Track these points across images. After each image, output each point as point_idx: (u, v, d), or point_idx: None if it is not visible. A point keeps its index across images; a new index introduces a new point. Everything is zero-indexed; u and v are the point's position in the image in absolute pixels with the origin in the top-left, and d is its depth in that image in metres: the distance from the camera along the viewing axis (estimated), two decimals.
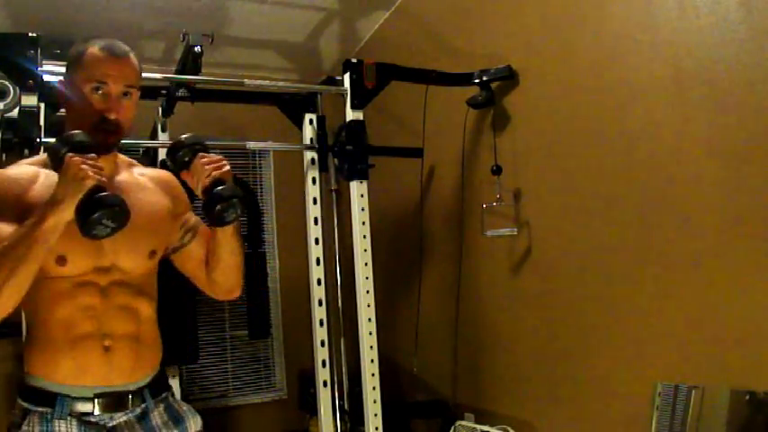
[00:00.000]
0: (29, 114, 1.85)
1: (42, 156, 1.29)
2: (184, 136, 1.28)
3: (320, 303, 2.44)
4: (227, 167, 1.26)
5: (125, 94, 1.23)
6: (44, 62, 1.92)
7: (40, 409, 1.20)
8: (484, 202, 2.46)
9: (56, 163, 1.12)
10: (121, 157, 1.37)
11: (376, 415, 2.20)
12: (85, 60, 1.22)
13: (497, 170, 2.39)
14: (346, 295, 2.62)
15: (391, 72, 2.36)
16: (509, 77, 2.40)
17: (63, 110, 1.32)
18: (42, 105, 1.91)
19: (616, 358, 1.97)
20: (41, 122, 1.90)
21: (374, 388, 2.21)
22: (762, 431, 1.53)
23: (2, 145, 1.82)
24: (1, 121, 1.87)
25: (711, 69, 1.67)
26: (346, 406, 2.72)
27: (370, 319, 2.24)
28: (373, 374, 2.21)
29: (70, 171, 1.08)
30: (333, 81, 2.49)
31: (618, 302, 1.97)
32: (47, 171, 1.21)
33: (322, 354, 2.42)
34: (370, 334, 2.23)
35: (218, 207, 1.21)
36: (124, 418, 1.25)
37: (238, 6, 3.15)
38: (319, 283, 2.45)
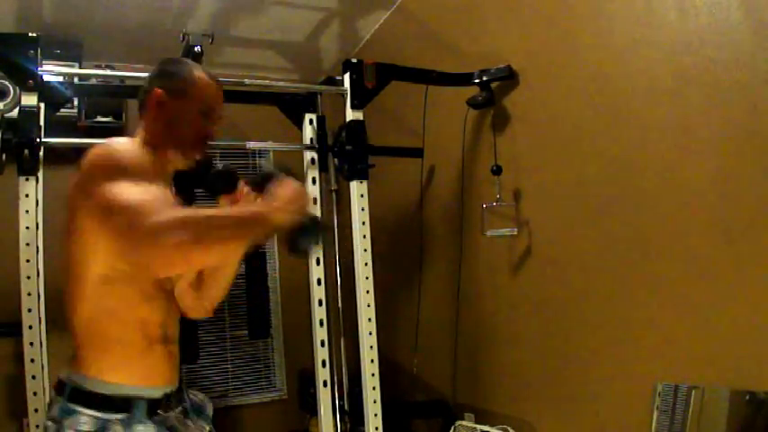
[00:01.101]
0: (29, 114, 1.85)
1: (120, 140, 1.32)
2: (222, 166, 1.42)
3: (320, 303, 2.44)
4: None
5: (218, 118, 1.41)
6: (44, 62, 1.91)
7: (118, 416, 1.19)
8: (484, 202, 2.46)
9: (267, 182, 1.28)
10: None
11: (376, 415, 2.20)
12: (198, 84, 1.35)
13: (497, 170, 2.39)
14: (346, 295, 2.62)
15: (391, 72, 2.36)
16: (509, 77, 2.40)
17: (153, 118, 1.36)
18: (42, 105, 1.91)
19: (616, 358, 1.97)
20: (41, 122, 1.90)
21: (374, 388, 2.21)
22: (762, 431, 1.53)
23: (2, 145, 1.82)
24: (1, 121, 1.87)
25: (711, 69, 1.67)
26: (346, 406, 2.72)
27: (370, 319, 2.24)
28: (373, 374, 2.21)
29: (296, 193, 1.23)
30: (333, 81, 2.49)
31: (618, 302, 1.97)
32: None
33: (322, 354, 2.42)
34: (370, 334, 2.23)
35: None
36: (174, 413, 1.32)
37: (238, 6, 3.15)
38: (319, 283, 2.45)
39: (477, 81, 2.46)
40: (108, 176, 1.14)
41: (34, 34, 1.88)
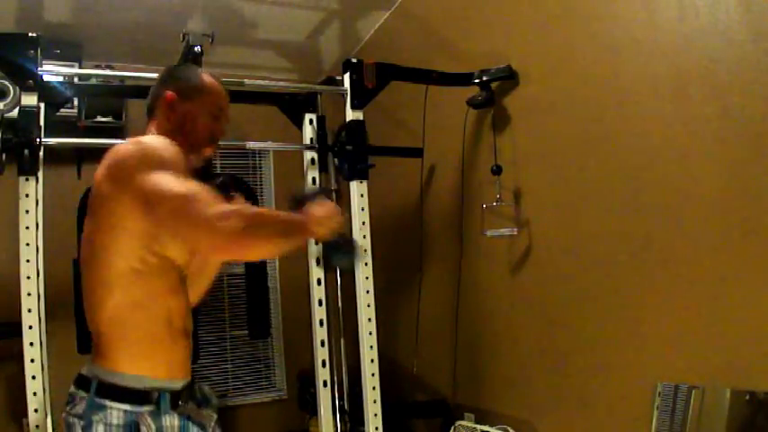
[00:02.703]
0: (29, 114, 1.85)
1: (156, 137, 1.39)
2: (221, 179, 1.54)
3: (320, 303, 2.44)
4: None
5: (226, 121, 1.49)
6: (44, 62, 1.91)
7: (147, 408, 1.22)
8: (484, 202, 2.46)
9: (309, 200, 1.36)
10: None
11: (376, 415, 2.20)
12: (209, 89, 1.45)
13: (497, 170, 2.39)
14: (346, 295, 2.62)
15: (391, 72, 2.36)
16: (509, 77, 2.40)
17: (164, 119, 1.43)
18: (42, 105, 1.91)
19: (616, 358, 1.97)
20: (41, 122, 1.90)
21: (374, 388, 2.21)
22: (762, 431, 1.53)
23: (2, 145, 1.82)
24: (1, 121, 1.87)
25: (711, 69, 1.67)
26: (346, 406, 2.72)
27: (370, 319, 2.24)
28: (373, 374, 2.21)
29: (332, 211, 1.33)
30: (333, 81, 2.49)
31: (618, 302, 1.97)
32: None
33: (322, 354, 2.42)
34: (370, 334, 2.23)
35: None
36: (190, 404, 1.35)
37: (238, 6, 3.15)
38: (319, 283, 2.45)
39: (477, 81, 2.46)
40: (150, 167, 1.19)
41: (34, 34, 1.88)
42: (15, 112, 1.87)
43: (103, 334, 1.24)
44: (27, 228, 1.82)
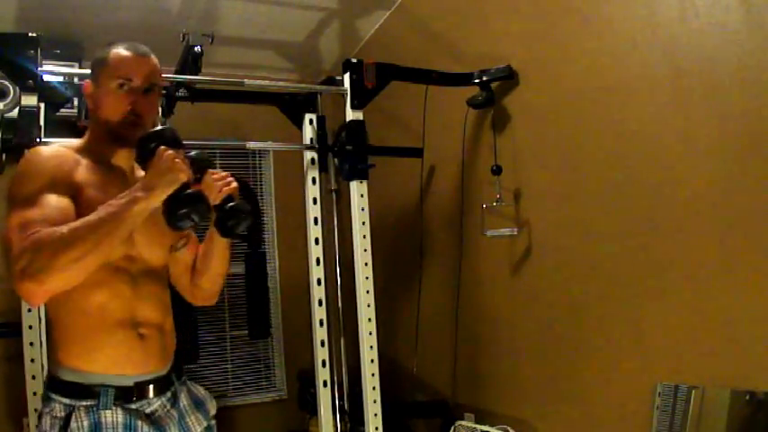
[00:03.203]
0: (29, 114, 1.85)
1: (71, 141, 1.35)
2: (193, 153, 1.34)
3: (320, 303, 2.44)
4: (236, 184, 1.35)
5: (147, 90, 1.31)
6: (44, 62, 1.91)
7: (84, 402, 1.20)
8: (484, 202, 2.46)
9: (145, 154, 1.20)
10: None
11: (376, 415, 2.20)
12: (111, 60, 1.30)
13: (497, 170, 2.39)
14: (346, 295, 2.62)
15: (391, 72, 2.36)
16: (509, 77, 2.40)
17: (88, 110, 1.36)
18: (42, 105, 1.90)
19: (616, 358, 1.97)
20: (41, 122, 1.90)
21: (374, 388, 2.21)
22: (762, 431, 1.53)
23: (2, 145, 1.82)
24: (1, 121, 1.87)
25: (711, 69, 1.67)
26: (346, 406, 2.72)
27: (370, 319, 2.24)
28: (373, 374, 2.21)
29: (165, 163, 1.16)
30: (333, 81, 2.49)
31: (618, 302, 1.97)
32: (83, 157, 1.28)
33: (322, 354, 2.42)
34: (370, 334, 2.23)
35: (232, 221, 1.32)
36: (158, 402, 1.29)
37: (238, 6, 3.15)
38: (319, 283, 2.45)
39: (477, 81, 2.46)
40: (9, 203, 1.16)
41: (34, 34, 1.87)
42: (15, 112, 1.87)
43: (50, 329, 1.27)
44: None
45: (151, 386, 1.29)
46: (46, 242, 1.05)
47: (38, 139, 1.86)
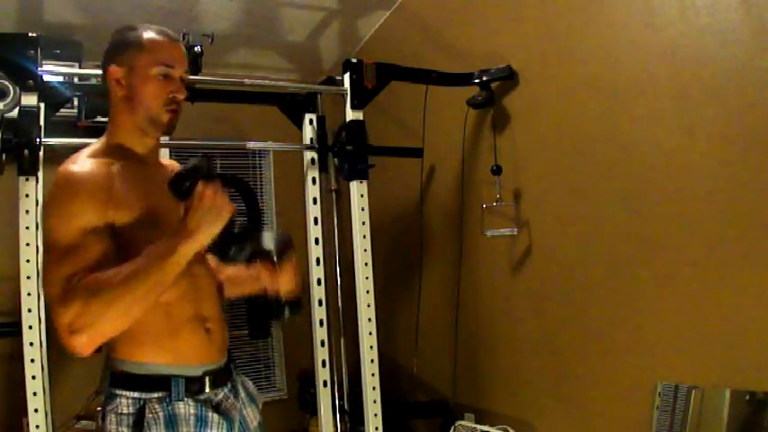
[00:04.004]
0: (29, 114, 1.85)
1: (94, 145, 1.26)
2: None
3: (320, 303, 2.44)
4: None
5: (181, 78, 1.28)
6: (44, 62, 1.91)
7: (156, 394, 1.17)
8: (484, 202, 2.46)
9: (182, 192, 1.10)
10: None
11: (376, 415, 2.20)
12: (147, 44, 1.24)
13: (497, 170, 2.39)
14: (346, 295, 2.62)
15: (391, 72, 2.36)
16: (509, 77, 2.40)
17: (114, 100, 1.27)
18: (42, 105, 1.91)
19: (616, 358, 1.97)
20: (41, 122, 1.90)
21: (374, 388, 2.21)
22: (762, 431, 1.53)
23: (2, 145, 1.82)
24: (1, 121, 1.87)
25: (711, 69, 1.67)
26: (346, 406, 2.72)
27: (370, 319, 2.23)
28: (373, 374, 2.21)
29: (207, 202, 1.09)
30: (333, 81, 2.49)
31: (618, 302, 1.97)
32: (114, 161, 1.20)
33: (322, 354, 2.42)
34: (370, 334, 2.23)
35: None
36: (222, 393, 1.28)
37: (238, 6, 3.15)
38: (319, 283, 2.45)
39: (477, 81, 2.46)
40: (53, 212, 1.12)
41: (34, 34, 1.87)
42: (15, 112, 1.87)
43: None
44: (27, 228, 1.82)
45: (216, 377, 1.27)
46: (93, 294, 1.03)
47: (38, 139, 1.86)
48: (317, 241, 2.46)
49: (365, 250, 2.26)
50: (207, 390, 1.25)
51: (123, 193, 1.16)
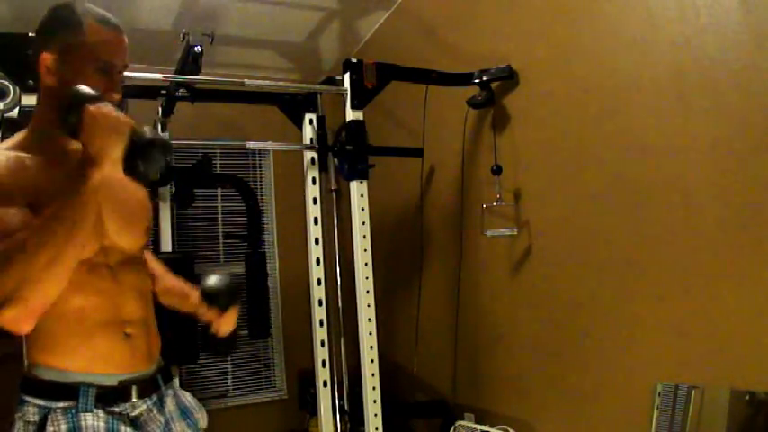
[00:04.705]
0: (29, 114, 1.84)
1: (12, 140, 1.15)
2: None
3: (320, 303, 2.44)
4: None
5: (119, 72, 1.17)
6: None
7: (61, 404, 1.08)
8: (484, 202, 2.46)
9: (74, 120, 1.00)
10: None
11: (376, 415, 2.20)
12: (87, 35, 1.11)
13: (497, 170, 2.39)
14: (346, 295, 2.62)
15: (391, 72, 2.36)
16: (509, 77, 2.40)
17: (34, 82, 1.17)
18: None
19: (616, 358, 1.97)
20: None
21: (374, 388, 2.21)
22: (762, 431, 1.53)
23: None
24: (1, 121, 1.87)
25: (711, 69, 1.67)
26: (346, 406, 2.72)
27: (370, 319, 2.24)
28: (373, 374, 2.21)
29: (103, 121, 0.99)
30: (333, 81, 2.49)
31: (618, 302, 1.97)
32: (25, 154, 1.10)
33: (322, 354, 2.42)
34: (370, 334, 2.23)
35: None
36: (144, 406, 1.18)
37: (238, 6, 3.15)
38: (319, 283, 2.45)
39: (477, 81, 2.46)
40: None
41: (34, 34, 1.87)
42: (15, 112, 1.87)
43: (28, 333, 1.12)
44: None
45: (136, 387, 1.17)
46: (7, 258, 0.92)
47: None
48: (317, 241, 2.46)
49: (365, 250, 2.26)
50: (125, 401, 1.14)
51: (40, 190, 1.05)
